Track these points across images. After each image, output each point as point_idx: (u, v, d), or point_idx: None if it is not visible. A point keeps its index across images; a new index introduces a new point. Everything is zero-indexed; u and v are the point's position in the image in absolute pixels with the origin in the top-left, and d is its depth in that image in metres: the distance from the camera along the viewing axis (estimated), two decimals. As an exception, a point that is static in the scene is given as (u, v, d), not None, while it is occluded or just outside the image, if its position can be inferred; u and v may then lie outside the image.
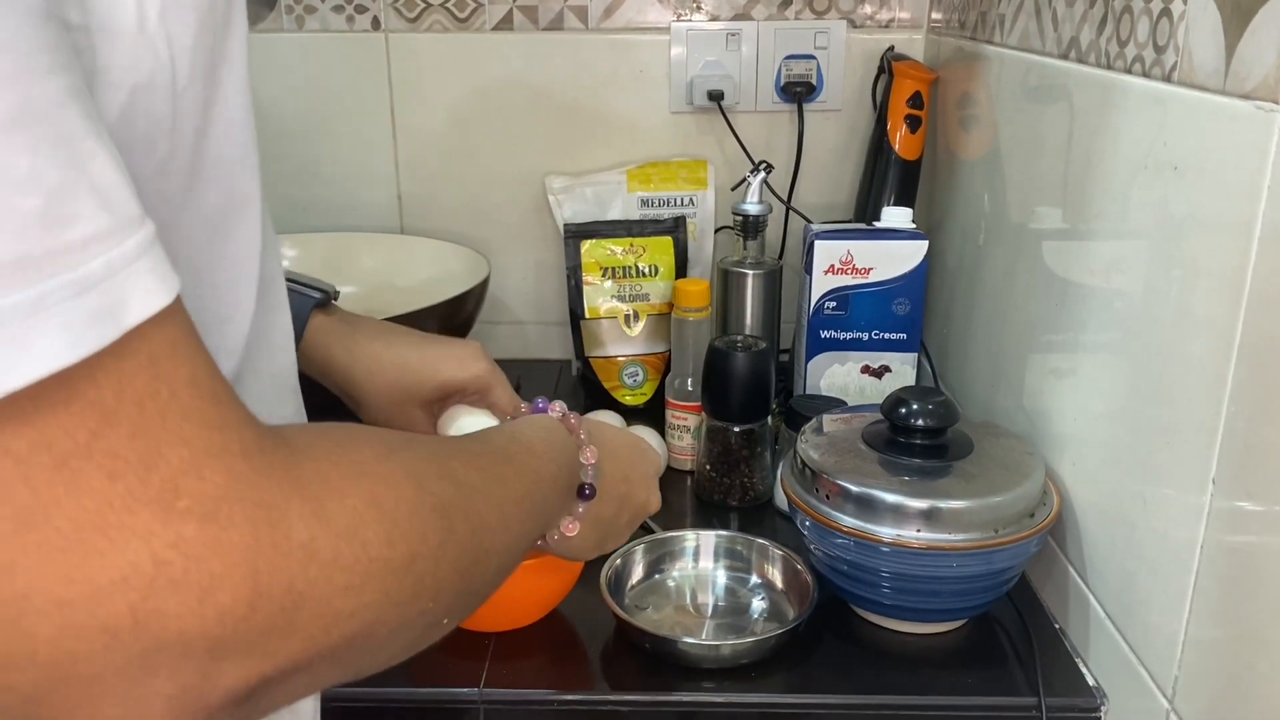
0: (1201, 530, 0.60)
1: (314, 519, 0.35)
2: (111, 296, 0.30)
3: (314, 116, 1.29)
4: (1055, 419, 0.82)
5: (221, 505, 0.32)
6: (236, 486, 0.33)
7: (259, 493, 0.33)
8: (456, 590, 0.43)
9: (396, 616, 0.39)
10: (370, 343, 0.79)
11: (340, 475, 0.37)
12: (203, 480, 0.32)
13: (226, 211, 0.43)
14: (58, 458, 0.29)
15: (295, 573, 0.34)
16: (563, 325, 1.25)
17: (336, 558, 0.35)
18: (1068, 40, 0.81)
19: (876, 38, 1.24)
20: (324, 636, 0.35)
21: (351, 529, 0.36)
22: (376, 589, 0.37)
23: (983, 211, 1.01)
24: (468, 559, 0.43)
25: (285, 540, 0.34)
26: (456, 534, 0.42)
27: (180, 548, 0.31)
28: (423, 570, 0.39)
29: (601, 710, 0.74)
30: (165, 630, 0.31)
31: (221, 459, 0.33)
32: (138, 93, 0.35)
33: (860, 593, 0.79)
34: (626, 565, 0.84)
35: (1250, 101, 0.55)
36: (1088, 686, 0.74)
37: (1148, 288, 0.67)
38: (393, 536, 0.38)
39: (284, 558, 0.33)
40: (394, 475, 0.40)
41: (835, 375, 1.07)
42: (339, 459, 0.38)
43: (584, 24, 1.24)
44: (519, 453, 0.53)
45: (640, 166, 1.26)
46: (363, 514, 0.37)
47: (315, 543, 0.35)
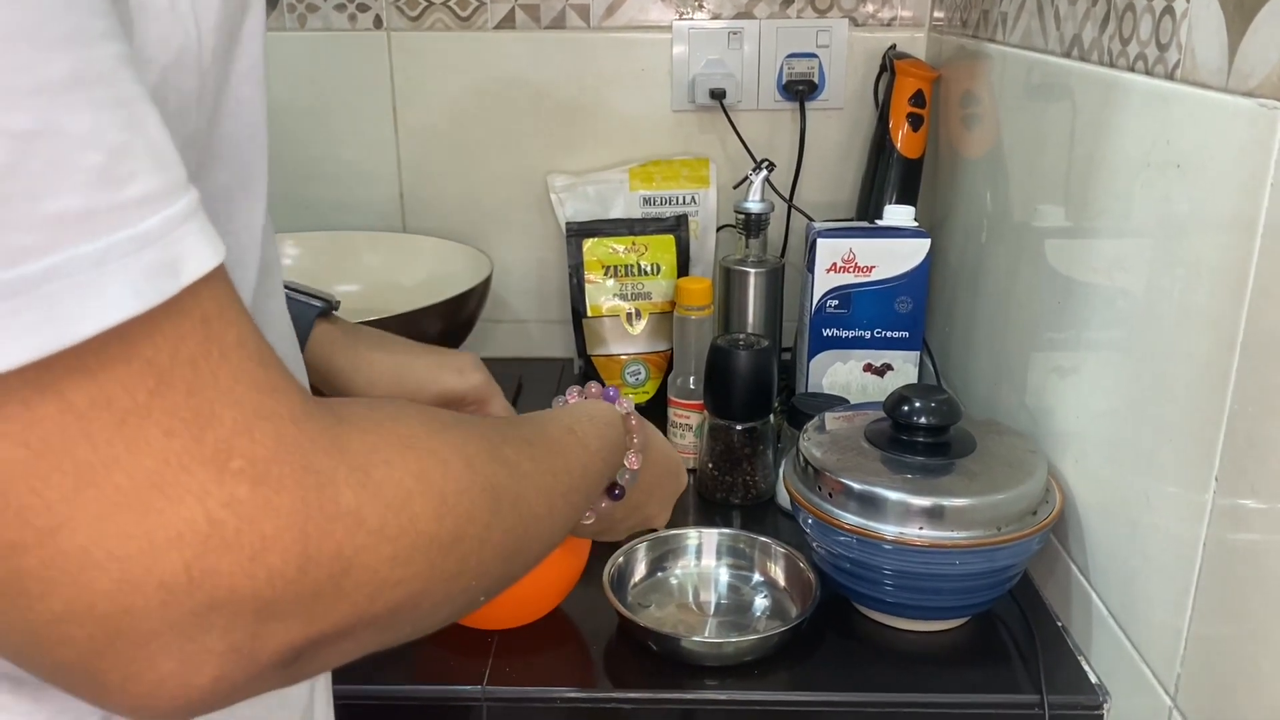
0: (1204, 528, 0.60)
1: (361, 488, 0.35)
2: (169, 253, 0.30)
3: (316, 115, 1.29)
4: (1058, 417, 0.82)
5: (272, 467, 0.32)
6: (285, 450, 0.33)
7: (307, 457, 0.33)
8: (498, 573, 0.43)
9: (441, 590, 0.39)
10: (371, 352, 0.80)
11: (389, 446, 0.37)
12: (254, 442, 0.32)
13: (233, 190, 0.43)
14: (118, 414, 0.30)
15: (343, 539, 0.34)
16: (565, 323, 1.25)
17: (383, 527, 0.35)
18: (1070, 38, 0.81)
19: (878, 36, 1.24)
20: (369, 604, 0.36)
21: (400, 501, 0.36)
22: (422, 562, 0.37)
23: (985, 210, 1.01)
24: (512, 543, 0.44)
25: (333, 505, 0.34)
26: (503, 517, 0.42)
27: (233, 508, 0.31)
28: (468, 550, 0.40)
29: (604, 708, 0.74)
30: (218, 588, 0.31)
31: (271, 421, 0.33)
32: (169, 70, 0.35)
33: (863, 590, 0.79)
34: (629, 563, 0.84)
35: (1253, 99, 0.55)
36: (1090, 684, 0.74)
37: (1150, 285, 0.67)
38: (441, 512, 0.38)
39: (331, 523, 0.34)
40: (444, 452, 0.40)
41: (837, 373, 1.07)
42: (388, 431, 0.38)
43: (586, 22, 1.25)
44: (573, 445, 0.54)
45: (642, 165, 1.26)
46: (410, 487, 0.37)
47: (362, 510, 0.35)
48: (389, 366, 0.79)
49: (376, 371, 0.79)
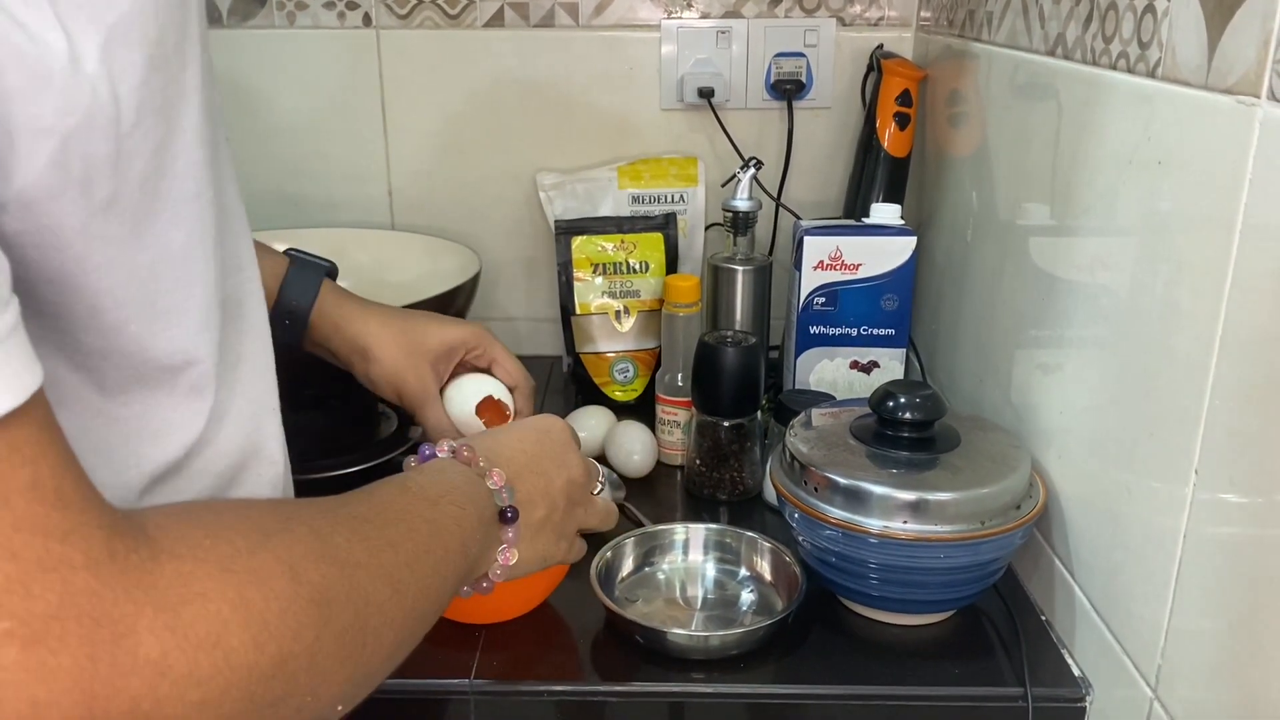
0: (1184, 520, 0.61)
1: (167, 631, 0.33)
2: None
3: (305, 113, 1.29)
4: (1041, 412, 0.83)
5: (52, 625, 0.30)
6: (74, 602, 0.31)
7: (103, 607, 0.31)
8: (341, 679, 0.41)
9: (270, 716, 0.37)
10: (377, 308, 0.85)
11: (205, 574, 0.35)
12: (30, 598, 0.30)
13: (190, 248, 0.42)
14: None
15: (140, 692, 0.32)
16: (554, 321, 1.25)
17: (192, 671, 0.33)
18: (1054, 37, 0.81)
19: (866, 35, 1.25)
20: None
21: (213, 637, 0.34)
22: (239, 697, 0.35)
23: (971, 208, 1.02)
24: (351, 644, 0.41)
25: (130, 658, 0.32)
26: (335, 623, 0.40)
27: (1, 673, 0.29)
28: (295, 669, 0.38)
29: (591, 701, 0.74)
30: None
31: (57, 572, 0.30)
32: (73, 137, 0.34)
33: (848, 584, 0.79)
34: (617, 558, 0.85)
35: (1232, 96, 0.56)
36: (1073, 677, 0.75)
37: (1133, 282, 0.68)
38: (260, 639, 0.36)
39: (127, 677, 0.31)
40: (267, 568, 0.38)
41: (824, 370, 1.08)
42: (205, 555, 0.36)
43: (575, 21, 1.25)
44: (411, 505, 0.51)
45: (631, 163, 1.27)
46: (227, 619, 0.35)
47: (168, 658, 0.33)
48: (395, 319, 0.84)
49: (386, 317, 0.84)
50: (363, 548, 0.44)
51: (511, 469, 0.61)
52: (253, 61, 1.27)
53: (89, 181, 0.36)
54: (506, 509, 0.58)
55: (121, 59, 0.36)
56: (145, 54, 0.37)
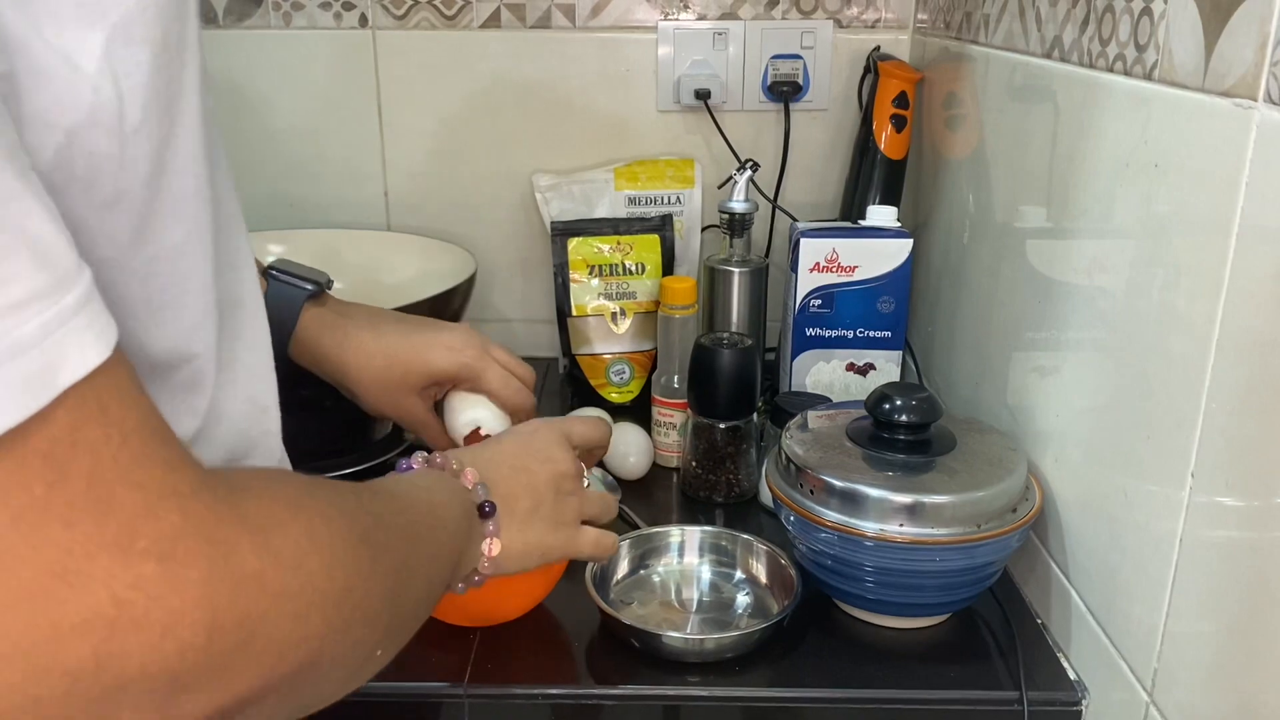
0: (1181, 524, 0.61)
1: (264, 550, 0.36)
2: (46, 359, 0.30)
3: (301, 114, 1.29)
4: (1038, 415, 0.83)
5: (178, 543, 0.33)
6: (190, 524, 0.34)
7: (211, 528, 0.34)
8: (385, 621, 0.44)
9: (337, 644, 0.40)
10: (360, 333, 0.81)
11: (279, 507, 0.39)
12: (159, 520, 0.33)
13: (188, 246, 0.43)
14: (14, 512, 0.30)
15: (249, 605, 0.35)
16: (550, 323, 1.25)
17: (284, 589, 0.37)
18: (1051, 40, 0.81)
19: (863, 38, 1.25)
20: (276, 665, 0.37)
21: (296, 560, 0.38)
22: (319, 618, 0.39)
23: (967, 210, 1.01)
24: (391, 590, 0.45)
25: (239, 573, 0.35)
26: (380, 564, 0.44)
27: (141, 587, 0.32)
28: (357, 599, 0.41)
29: (586, 704, 0.74)
30: (127, 669, 0.32)
31: (174, 499, 0.33)
32: (76, 133, 0.35)
33: (844, 587, 0.79)
34: (612, 560, 0.84)
35: (1229, 99, 0.56)
36: (1069, 680, 0.75)
37: (1130, 285, 0.68)
38: (330, 566, 0.40)
39: (237, 590, 0.34)
40: (325, 508, 0.41)
41: (820, 372, 1.08)
42: (276, 493, 0.39)
43: (571, 22, 1.25)
44: (414, 492, 0.55)
45: (627, 165, 1.27)
46: (304, 546, 0.38)
47: (265, 575, 0.36)
48: (377, 350, 0.80)
49: (365, 355, 0.80)
50: (390, 513, 0.48)
51: (488, 468, 0.63)
52: (249, 62, 1.26)
53: (92, 179, 0.36)
54: (484, 504, 0.61)
55: (125, 57, 0.36)
56: (150, 51, 0.37)
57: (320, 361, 0.80)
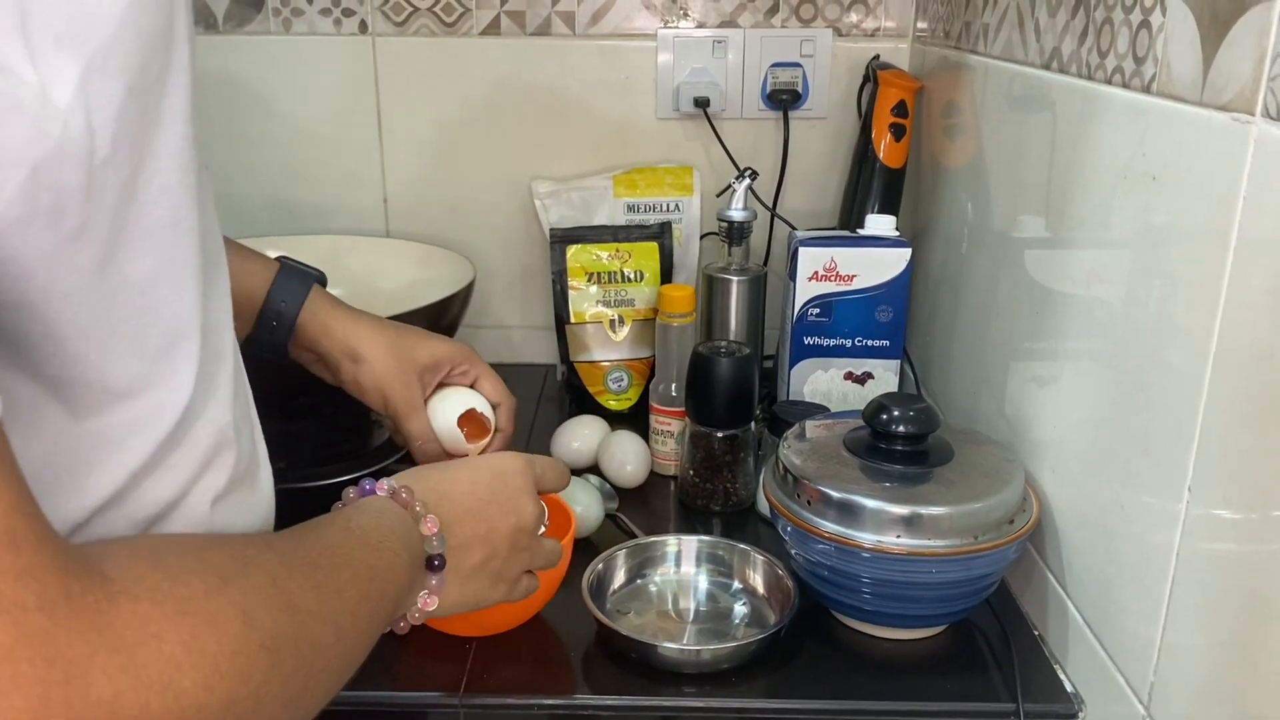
0: (1178, 537, 0.61)
1: (120, 672, 0.33)
2: None
3: (300, 120, 1.29)
4: (1035, 426, 0.83)
5: (4, 665, 0.30)
6: (27, 643, 0.31)
7: (55, 648, 0.32)
8: (302, 697, 0.42)
9: None
10: (364, 320, 0.85)
11: (161, 616, 0.36)
12: None
13: (159, 278, 0.41)
14: None
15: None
16: (548, 330, 1.25)
17: (143, 712, 0.34)
18: (1050, 51, 0.81)
19: (862, 46, 1.25)
20: None
21: (165, 679, 0.35)
22: None
23: (966, 220, 1.01)
24: (295, 689, 0.42)
25: (81, 699, 0.32)
26: (283, 668, 0.41)
27: None
28: (241, 711, 0.38)
29: (582, 715, 0.74)
30: None
31: (10, 614, 0.31)
32: (41, 167, 0.34)
33: (841, 598, 0.79)
34: (609, 570, 0.84)
35: (1226, 113, 0.56)
36: (1065, 693, 0.75)
37: (1127, 296, 0.68)
38: (211, 681, 0.37)
39: (79, 716, 0.32)
40: (222, 612, 0.38)
41: (818, 381, 1.08)
42: (163, 597, 0.36)
43: (571, 30, 1.25)
44: (355, 549, 0.52)
45: (627, 172, 1.26)
46: (180, 661, 0.36)
47: (120, 699, 0.33)
48: (387, 329, 0.84)
49: (376, 327, 0.84)
50: (314, 595, 0.45)
51: (452, 513, 0.60)
52: (248, 68, 1.26)
53: (59, 211, 0.35)
54: (434, 557, 0.58)
55: (100, 89, 0.35)
56: (125, 83, 0.36)
57: (330, 331, 0.82)
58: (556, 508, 0.83)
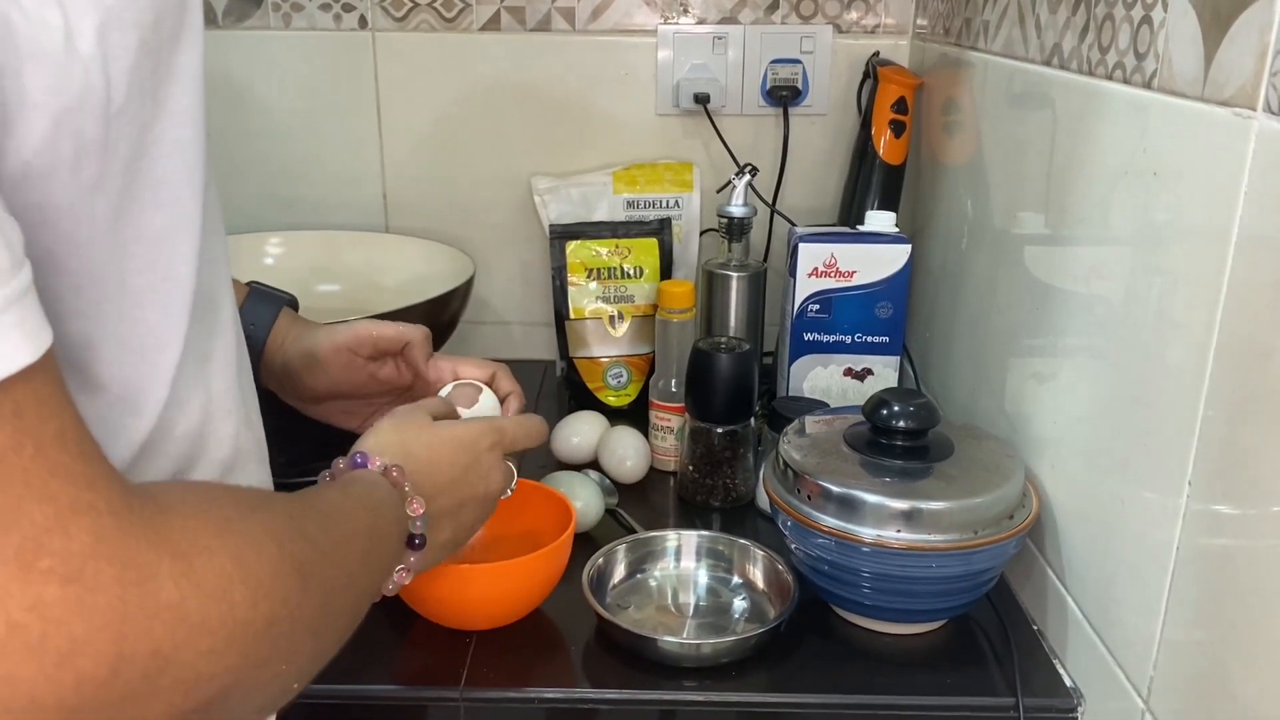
0: (1178, 532, 0.61)
1: (184, 579, 0.34)
2: None
3: (300, 115, 1.28)
4: (1035, 422, 0.83)
5: (88, 564, 0.31)
6: (104, 545, 0.32)
7: (128, 552, 0.32)
8: (309, 652, 0.43)
9: (252, 679, 0.38)
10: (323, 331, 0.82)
11: (210, 532, 0.37)
12: (69, 538, 0.31)
13: (170, 233, 0.42)
14: None
15: (162, 636, 0.33)
16: (547, 326, 1.25)
17: (204, 621, 0.35)
18: (1050, 47, 0.81)
19: (862, 43, 1.25)
20: (182, 702, 0.35)
21: (220, 589, 0.36)
22: (238, 651, 0.37)
23: (966, 216, 1.01)
24: (319, 620, 0.43)
25: (153, 601, 0.33)
26: (310, 596, 0.42)
27: (39, 610, 0.30)
28: (280, 632, 0.39)
29: (582, 708, 0.74)
30: (15, 696, 0.30)
31: (88, 516, 0.32)
32: (65, 116, 0.34)
33: (841, 593, 0.79)
34: (609, 565, 0.84)
35: (1228, 108, 0.56)
36: (1065, 687, 0.75)
37: (1128, 292, 0.68)
38: (257, 597, 0.38)
39: (151, 620, 0.33)
40: (257, 534, 0.39)
41: (818, 377, 1.08)
42: (207, 515, 0.37)
43: (571, 25, 1.25)
44: (357, 509, 0.53)
45: (626, 168, 1.26)
46: (231, 574, 0.36)
47: (185, 605, 0.34)
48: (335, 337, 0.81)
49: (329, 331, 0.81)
50: (326, 538, 0.46)
51: (433, 498, 0.61)
52: (248, 63, 1.26)
53: (78, 161, 0.36)
54: (416, 536, 0.59)
55: (115, 41, 0.36)
56: (138, 37, 0.37)
57: (294, 342, 0.81)
58: (557, 503, 0.83)
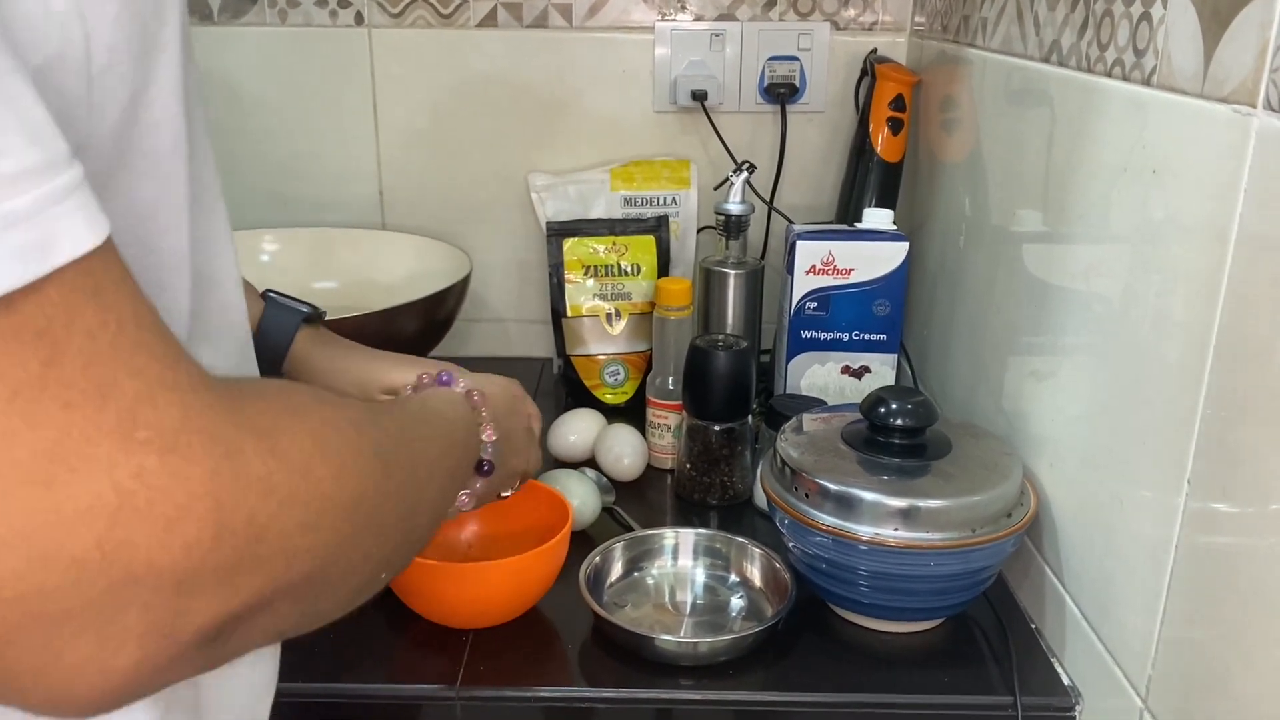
0: (1176, 531, 0.61)
1: (269, 455, 0.35)
2: (39, 232, 0.29)
3: (296, 111, 1.28)
4: (1033, 420, 0.83)
5: (180, 436, 0.32)
6: (191, 420, 0.32)
7: (214, 426, 0.33)
8: (396, 538, 0.44)
9: (346, 557, 0.39)
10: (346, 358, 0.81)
11: (286, 413, 0.37)
12: (159, 411, 0.31)
13: (159, 206, 0.42)
14: (10, 388, 0.29)
15: (255, 506, 0.34)
16: (544, 323, 1.24)
17: (293, 494, 0.35)
18: (1049, 44, 0.81)
19: (859, 40, 1.24)
20: (285, 572, 0.35)
21: (304, 465, 0.36)
22: (328, 527, 0.37)
23: (963, 214, 1.01)
24: (405, 506, 0.45)
25: (244, 474, 0.33)
26: (394, 480, 0.43)
27: (143, 478, 0.30)
28: (368, 511, 0.40)
29: (578, 707, 0.74)
30: (133, 562, 0.30)
31: (175, 392, 0.32)
32: (46, 70, 0.34)
33: (838, 591, 0.79)
34: (606, 563, 0.84)
35: (1228, 105, 0.56)
36: (1063, 686, 0.75)
37: (1126, 290, 0.68)
38: (339, 474, 0.38)
39: (244, 492, 0.33)
40: (334, 417, 0.40)
41: (815, 375, 1.07)
42: (282, 401, 0.38)
43: (568, 22, 1.24)
44: (433, 418, 0.56)
45: (623, 165, 1.26)
46: (311, 451, 0.37)
47: (272, 478, 0.35)
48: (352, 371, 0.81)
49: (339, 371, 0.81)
50: (404, 433, 0.48)
51: (500, 429, 0.65)
52: (244, 59, 1.26)
53: (64, 121, 0.35)
54: (485, 462, 0.63)
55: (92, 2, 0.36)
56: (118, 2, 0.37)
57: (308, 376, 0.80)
58: (554, 501, 0.83)
